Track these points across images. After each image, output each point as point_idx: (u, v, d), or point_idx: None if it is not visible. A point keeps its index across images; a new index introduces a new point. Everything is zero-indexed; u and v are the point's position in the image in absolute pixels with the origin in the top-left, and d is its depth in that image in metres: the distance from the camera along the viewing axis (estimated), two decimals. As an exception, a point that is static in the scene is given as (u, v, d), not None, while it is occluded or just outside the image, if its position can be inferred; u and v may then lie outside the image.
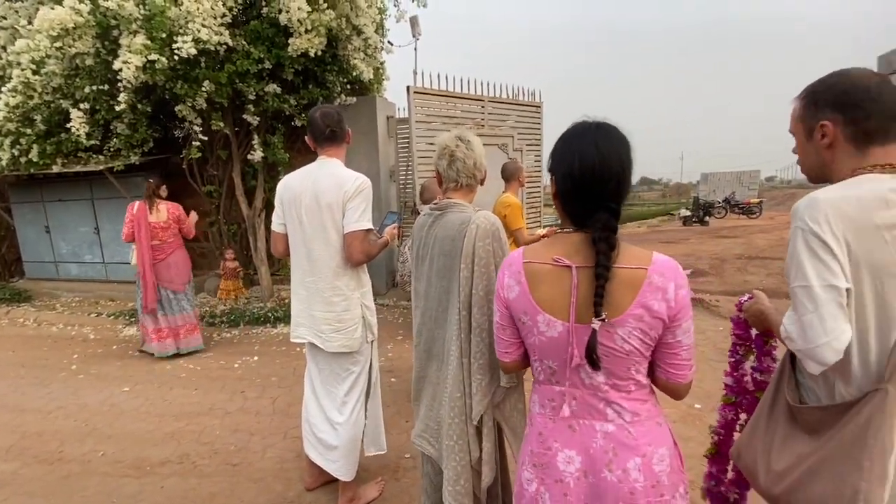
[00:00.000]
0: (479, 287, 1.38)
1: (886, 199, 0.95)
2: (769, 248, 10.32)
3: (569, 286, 0.93)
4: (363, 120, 6.12)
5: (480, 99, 5.05)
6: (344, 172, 1.92)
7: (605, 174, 0.91)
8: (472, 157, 1.49)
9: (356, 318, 1.98)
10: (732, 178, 26.81)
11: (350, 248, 1.89)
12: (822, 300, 0.95)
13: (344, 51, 5.08)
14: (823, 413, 1.03)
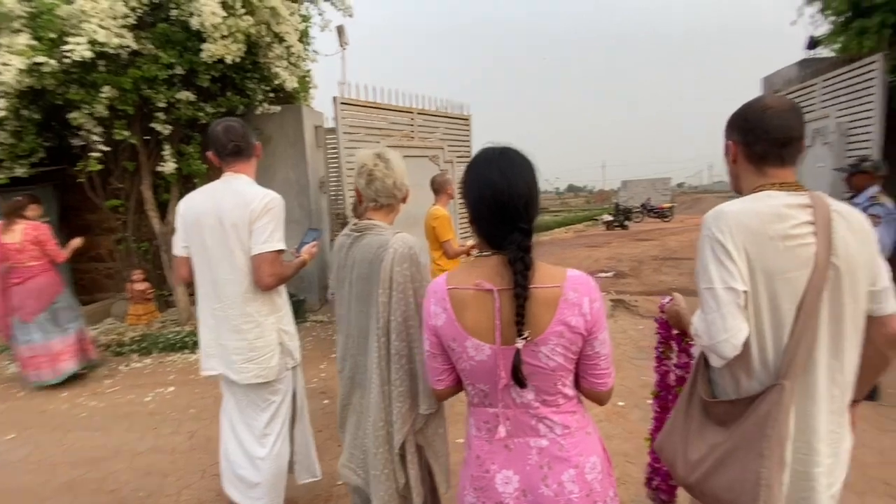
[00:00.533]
0: (396, 313, 1.35)
1: (780, 214, 1.06)
2: (680, 249, 11.31)
3: (492, 309, 0.95)
4: (289, 129, 5.90)
5: (409, 111, 5.06)
6: (250, 190, 1.80)
7: (513, 197, 0.95)
8: (391, 177, 1.46)
9: (271, 346, 1.85)
10: (648, 184, 29.14)
11: (258, 271, 1.76)
12: (724, 301, 1.05)
13: (265, 58, 4.86)
14: (731, 406, 1.13)
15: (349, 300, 1.48)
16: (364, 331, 1.44)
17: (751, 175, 1.15)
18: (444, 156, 5.33)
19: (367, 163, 1.46)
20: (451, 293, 0.99)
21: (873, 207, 3.12)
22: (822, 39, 4.99)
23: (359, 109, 4.63)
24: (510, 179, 0.96)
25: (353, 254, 1.46)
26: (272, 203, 1.78)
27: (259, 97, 5.26)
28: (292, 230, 5.97)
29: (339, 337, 1.56)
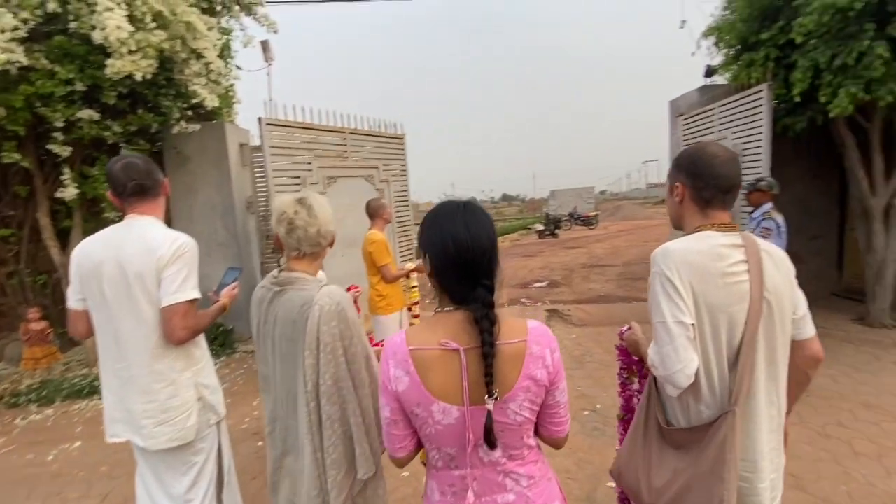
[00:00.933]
0: (325, 376, 1.27)
1: (719, 253, 1.17)
2: (606, 256, 12.04)
3: (459, 369, 0.92)
4: (211, 148, 5.55)
5: (341, 130, 4.96)
6: (157, 233, 1.63)
7: (478, 252, 0.94)
8: (314, 225, 1.38)
9: (187, 404, 1.68)
10: (574, 193, 30.83)
11: (169, 325, 1.59)
12: (675, 334, 1.13)
13: (181, 75, 4.54)
14: (689, 433, 1.22)
15: (273, 361, 1.38)
16: (292, 393, 1.35)
17: (695, 215, 1.26)
18: (379, 175, 5.27)
19: (286, 210, 1.36)
20: (414, 354, 0.94)
21: (766, 221, 3.52)
22: (717, 69, 5.59)
23: (287, 130, 4.45)
24: (474, 234, 0.94)
25: (275, 310, 1.36)
26: (183, 248, 1.63)
27: (175, 115, 4.88)
28: (217, 254, 5.64)
29: (265, 397, 1.45)
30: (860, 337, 4.70)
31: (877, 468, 2.67)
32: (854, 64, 3.67)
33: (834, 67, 3.78)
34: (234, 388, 4.36)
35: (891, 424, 3.12)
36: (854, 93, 3.69)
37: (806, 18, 3.70)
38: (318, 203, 1.40)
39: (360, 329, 1.35)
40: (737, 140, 4.80)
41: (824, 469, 2.68)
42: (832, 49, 3.77)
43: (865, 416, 3.27)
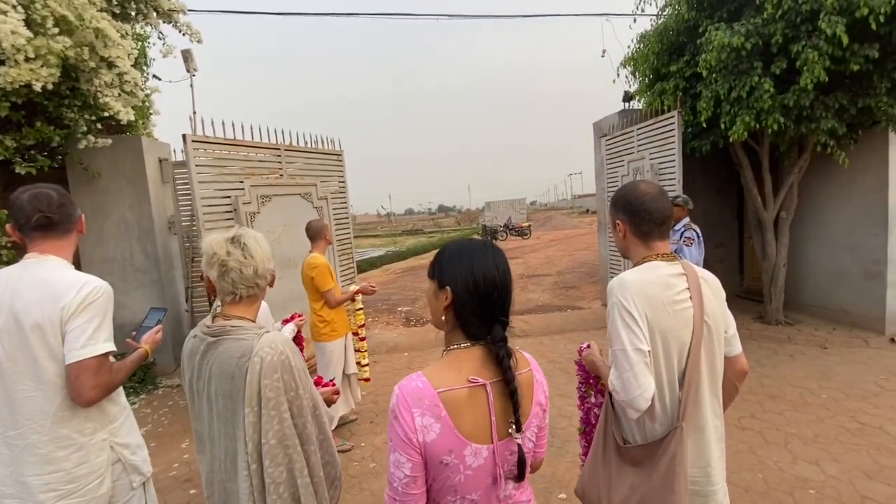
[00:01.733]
0: (268, 434, 1.16)
1: (668, 283, 1.29)
2: (541, 266, 12.57)
3: (486, 405, 0.92)
4: (126, 164, 5.07)
5: (276, 147, 4.75)
6: (61, 277, 1.41)
7: (504, 290, 0.98)
8: (251, 265, 1.26)
9: (99, 471, 1.46)
10: (508, 205, 31.96)
11: (76, 384, 1.37)
12: (634, 361, 1.22)
13: (89, 84, 4.11)
14: (643, 450, 1.30)
15: (209, 418, 1.26)
16: (231, 454, 1.23)
17: (639, 248, 1.38)
18: (317, 192, 5.11)
19: (217, 252, 1.24)
20: (445, 397, 0.90)
21: (688, 232, 3.89)
22: (633, 95, 6.12)
23: (215, 147, 4.18)
24: (503, 272, 0.98)
25: (209, 364, 1.23)
26: (94, 294, 1.41)
27: (82, 128, 4.40)
28: (134, 280, 5.13)
29: (201, 458, 1.32)
30: (760, 334, 5.31)
31: (785, 455, 3.01)
32: (746, 96, 4.20)
33: (731, 98, 4.30)
34: (158, 430, 3.95)
35: (792, 413, 3.55)
36: (748, 121, 4.21)
37: (709, 55, 4.18)
38: (253, 240, 1.29)
39: (306, 378, 1.27)
40: (653, 160, 5.27)
41: (743, 460, 2.97)
42: (729, 82, 4.29)
43: (771, 406, 3.68)
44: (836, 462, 2.89)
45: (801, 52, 3.89)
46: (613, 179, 6.27)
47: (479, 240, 1.05)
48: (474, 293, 0.95)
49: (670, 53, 5.16)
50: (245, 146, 4.42)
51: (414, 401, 0.89)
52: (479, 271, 0.96)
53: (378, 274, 13.54)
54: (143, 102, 5.40)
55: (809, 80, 3.82)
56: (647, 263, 1.34)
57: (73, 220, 1.52)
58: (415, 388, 0.91)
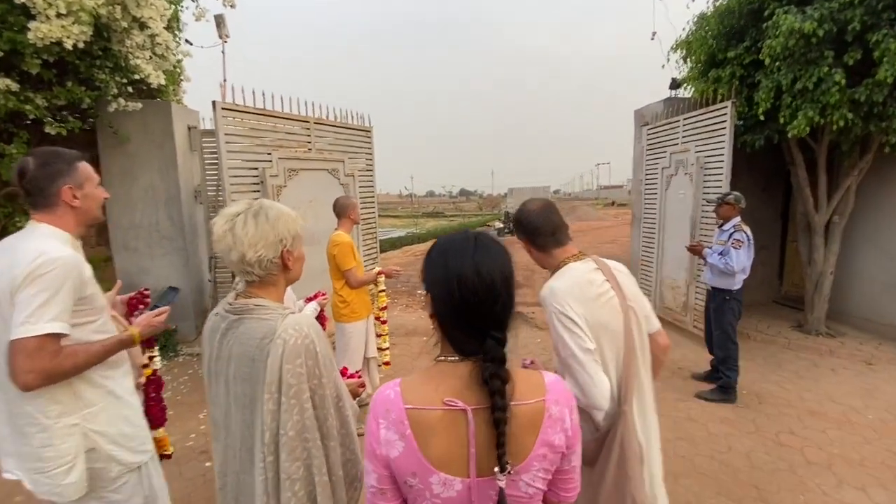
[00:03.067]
0: (287, 425, 1.06)
1: (589, 279, 1.37)
2: (564, 256, 12.29)
3: (465, 434, 0.77)
4: (155, 129, 5.02)
5: (305, 120, 4.61)
6: (27, 246, 1.30)
7: (488, 298, 0.79)
8: (237, 250, 1.10)
9: (65, 456, 1.34)
10: (531, 192, 31.42)
11: (11, 364, 1.23)
12: (585, 361, 1.27)
13: (121, 45, 4.03)
14: (595, 444, 1.33)
15: (226, 403, 1.16)
16: (248, 443, 1.14)
17: (548, 258, 1.47)
18: (344, 169, 4.98)
19: (215, 229, 1.12)
20: (412, 415, 0.79)
21: (738, 233, 3.63)
22: (682, 82, 5.75)
23: (244, 117, 4.07)
24: (485, 276, 0.79)
25: (229, 344, 1.13)
26: (45, 266, 1.26)
27: (113, 90, 4.35)
28: (160, 247, 5.13)
29: (215, 445, 1.23)
30: (799, 343, 5.03)
31: (829, 477, 2.81)
32: (812, 88, 3.86)
33: (794, 90, 3.95)
34: (177, 398, 3.96)
35: (835, 432, 3.32)
36: (811, 116, 3.88)
37: (774, 41, 3.83)
38: (248, 222, 1.12)
39: (331, 366, 1.15)
40: (699, 153, 4.95)
41: (783, 479, 2.78)
42: (794, 72, 3.94)
43: (812, 423, 3.46)
44: (884, 489, 2.69)
45: (882, 42, 3.52)
46: (653, 171, 5.96)
47: (464, 233, 0.87)
48: (450, 302, 0.81)
49: (729, 38, 4.78)
50: (274, 117, 4.30)
51: (381, 411, 0.81)
52: (455, 275, 0.80)
53: (398, 255, 13.50)
54: (175, 67, 5.32)
55: (889, 73, 3.46)
56: (562, 269, 1.41)
57: (46, 195, 1.39)
58: (385, 398, 0.82)
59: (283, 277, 1.22)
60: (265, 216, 1.14)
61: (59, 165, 1.40)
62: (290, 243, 1.17)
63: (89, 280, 1.40)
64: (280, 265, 1.17)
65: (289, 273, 1.22)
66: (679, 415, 3.56)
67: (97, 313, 1.43)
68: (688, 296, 5.26)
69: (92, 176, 1.49)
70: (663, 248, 5.79)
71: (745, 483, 2.75)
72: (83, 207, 1.45)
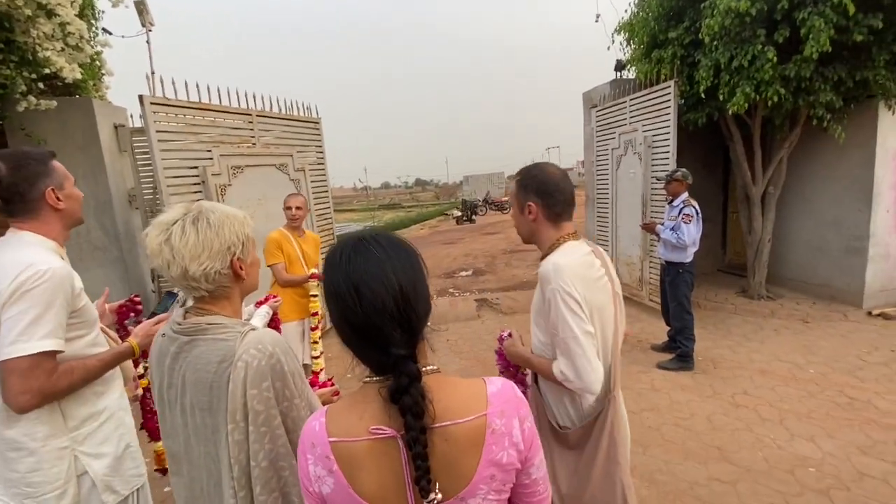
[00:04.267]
0: (258, 455, 0.96)
1: (589, 262, 1.33)
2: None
3: (399, 463, 0.70)
4: (76, 130, 4.55)
5: (248, 113, 4.33)
6: (11, 258, 1.21)
7: (373, 316, 0.68)
8: (177, 265, 0.96)
9: (55, 482, 1.27)
10: (486, 179, 31.70)
11: (5, 386, 1.17)
12: (586, 345, 1.23)
13: (26, 36, 3.58)
14: (583, 430, 1.32)
15: (185, 434, 1.03)
16: (215, 477, 1.02)
17: (549, 230, 1.37)
18: (293, 163, 4.74)
19: (148, 244, 0.98)
20: (337, 448, 0.70)
21: (687, 208, 3.77)
22: (627, 63, 5.89)
23: (179, 112, 3.75)
24: (363, 291, 0.68)
25: (182, 370, 1.00)
26: (33, 280, 1.18)
27: (20, 87, 3.88)
28: (92, 259, 4.70)
29: (175, 481, 1.10)
30: (744, 308, 5.36)
31: (782, 432, 3.00)
32: (748, 66, 4.04)
33: (731, 68, 4.13)
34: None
35: (784, 388, 3.56)
36: (748, 92, 4.07)
37: (712, 21, 3.97)
38: (186, 230, 0.98)
39: (302, 383, 1.04)
40: (647, 132, 5.11)
41: (742, 438, 2.94)
42: (730, 51, 4.11)
43: (762, 382, 3.69)
44: (831, 438, 2.90)
45: (807, 20, 3.73)
46: (603, 152, 6.10)
47: (349, 237, 0.76)
48: (336, 319, 0.73)
49: (669, 19, 4.93)
50: (213, 111, 4.00)
51: (308, 446, 0.73)
52: (331, 292, 0.72)
53: (356, 249, 13.21)
54: (93, 60, 4.83)
55: (815, 48, 3.68)
56: (564, 246, 1.35)
57: (27, 199, 1.28)
58: (311, 430, 0.74)
59: (238, 288, 1.08)
60: (206, 222, 0.99)
61: (35, 167, 1.30)
62: (239, 250, 1.03)
63: (81, 292, 1.31)
64: (231, 276, 1.04)
65: (243, 283, 1.08)
66: (643, 386, 3.69)
67: (89, 326, 1.35)
68: (642, 271, 5.45)
69: (68, 174, 1.39)
70: (617, 226, 5.97)
71: (709, 445, 2.88)
72: (67, 209, 1.36)
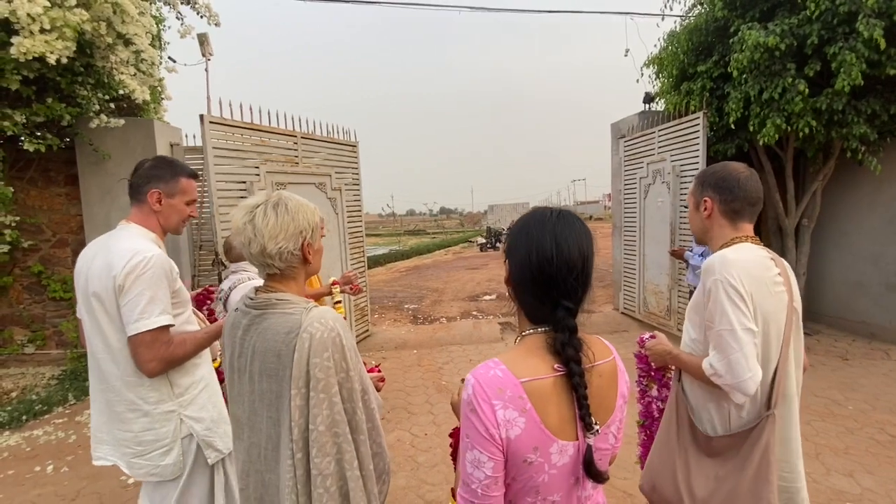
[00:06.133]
0: (316, 420, 1.04)
1: (766, 264, 1.24)
2: (547, 268, 12.47)
3: (571, 398, 0.81)
4: (137, 147, 4.94)
5: (292, 134, 4.63)
6: (120, 247, 1.42)
7: (564, 269, 0.82)
8: (257, 243, 1.09)
9: (166, 439, 1.49)
10: (511, 208, 31.91)
11: (135, 357, 1.41)
12: (744, 341, 1.15)
13: (104, 61, 4.00)
14: (729, 440, 1.23)
15: (251, 400, 1.14)
16: (274, 441, 1.12)
17: (725, 229, 1.31)
18: (331, 183, 5.00)
19: (236, 220, 1.13)
20: (529, 388, 0.79)
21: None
22: (656, 96, 6.02)
23: (231, 130, 4.06)
24: (562, 247, 0.83)
25: (252, 339, 1.12)
26: (141, 266, 1.39)
27: (95, 107, 4.29)
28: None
29: (237, 445, 1.20)
30: (778, 343, 5.20)
31: (818, 466, 2.89)
32: (778, 98, 4.10)
33: (762, 100, 4.20)
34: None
35: (820, 423, 3.43)
36: (779, 124, 4.11)
37: (741, 55, 4.08)
38: (269, 214, 1.11)
39: (357, 359, 1.15)
40: (675, 162, 5.17)
41: (775, 470, 2.85)
42: (760, 84, 4.19)
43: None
44: (870, 474, 2.78)
45: (838, 54, 3.79)
46: (631, 181, 6.16)
47: (549, 208, 0.90)
48: (527, 270, 0.85)
49: (698, 53, 5.06)
50: (262, 131, 4.31)
51: (494, 392, 0.78)
52: (534, 245, 0.84)
53: (382, 272, 13.43)
54: (157, 85, 5.29)
55: (846, 82, 3.72)
56: (739, 245, 1.27)
57: (138, 192, 1.54)
58: (493, 377, 0.80)
59: (303, 271, 1.21)
60: (285, 207, 1.13)
61: (161, 171, 1.55)
62: (309, 235, 1.16)
63: (177, 276, 1.52)
64: (300, 258, 1.17)
65: (308, 266, 1.21)
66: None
67: (184, 305, 1.56)
68: (671, 300, 5.40)
69: (189, 192, 1.61)
70: (644, 254, 5.96)
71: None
72: (163, 214, 1.56)
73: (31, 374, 4.69)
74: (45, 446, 3.41)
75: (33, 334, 4.92)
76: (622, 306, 6.60)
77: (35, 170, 4.79)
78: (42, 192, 4.92)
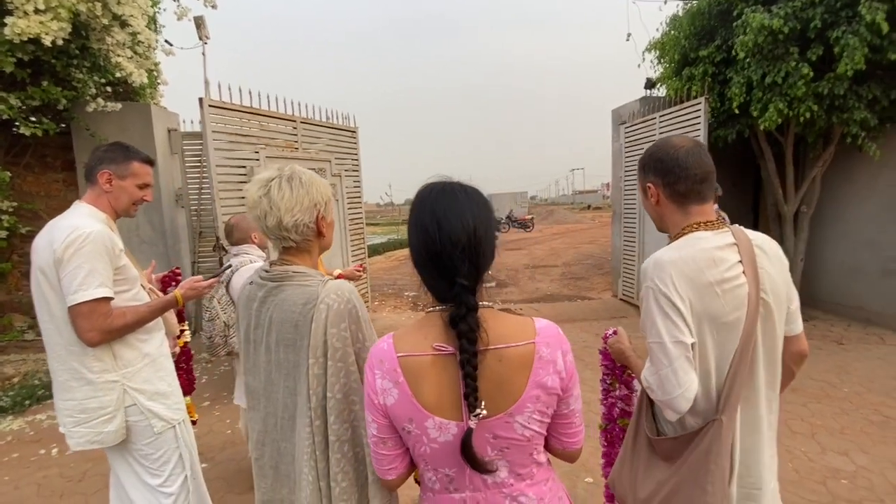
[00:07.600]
0: (335, 388, 1.07)
1: (714, 259, 1.07)
2: (546, 257, 12.49)
3: (456, 378, 0.80)
4: (134, 132, 4.90)
5: (292, 119, 4.60)
6: (63, 224, 1.49)
7: (448, 245, 0.79)
8: (274, 215, 1.10)
9: (109, 407, 1.55)
10: (510, 197, 31.81)
11: (75, 326, 1.47)
12: (674, 356, 1.03)
13: (100, 44, 3.94)
14: (674, 442, 1.13)
15: (267, 370, 1.16)
16: (290, 410, 1.14)
17: (675, 215, 1.16)
18: (331, 169, 4.97)
19: (251, 193, 1.14)
20: (404, 362, 0.82)
21: None
22: (657, 81, 5.99)
23: (231, 114, 4.03)
24: (444, 225, 0.80)
25: (269, 311, 1.13)
26: (78, 242, 1.44)
27: (91, 91, 4.24)
28: (140, 253, 4.98)
29: (252, 415, 1.22)
30: (775, 328, 5.25)
31: (813, 445, 2.95)
32: (781, 82, 4.09)
33: (764, 84, 4.18)
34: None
35: (815, 405, 3.49)
36: (781, 108, 4.11)
37: (745, 38, 4.05)
38: (287, 185, 1.12)
39: (371, 330, 1.17)
40: (676, 148, 5.16)
41: (772, 450, 2.91)
42: (763, 68, 4.17)
43: (793, 398, 3.62)
44: (864, 453, 2.84)
45: (841, 38, 3.78)
46: (632, 167, 6.15)
47: (436, 183, 0.87)
48: (417, 251, 0.84)
49: (700, 38, 5.03)
50: (261, 115, 4.27)
51: (376, 362, 0.85)
52: (417, 225, 0.83)
53: (381, 260, 13.44)
54: (153, 69, 5.23)
55: (849, 67, 3.71)
56: (687, 236, 1.12)
57: (93, 172, 1.57)
58: (379, 349, 0.86)
59: (318, 244, 1.22)
60: (299, 181, 1.14)
61: (114, 154, 1.59)
62: (323, 208, 1.18)
63: (121, 253, 1.55)
64: (314, 231, 1.18)
65: (322, 240, 1.22)
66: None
67: (131, 283, 1.59)
68: (670, 286, 5.43)
69: (141, 175, 1.63)
70: (644, 241, 5.98)
71: (738, 454, 2.86)
72: (113, 194, 1.59)
73: (32, 360, 4.70)
74: (49, 430, 3.43)
75: (33, 321, 4.92)
76: (621, 293, 6.64)
77: (32, 155, 4.75)
78: (39, 178, 4.88)
